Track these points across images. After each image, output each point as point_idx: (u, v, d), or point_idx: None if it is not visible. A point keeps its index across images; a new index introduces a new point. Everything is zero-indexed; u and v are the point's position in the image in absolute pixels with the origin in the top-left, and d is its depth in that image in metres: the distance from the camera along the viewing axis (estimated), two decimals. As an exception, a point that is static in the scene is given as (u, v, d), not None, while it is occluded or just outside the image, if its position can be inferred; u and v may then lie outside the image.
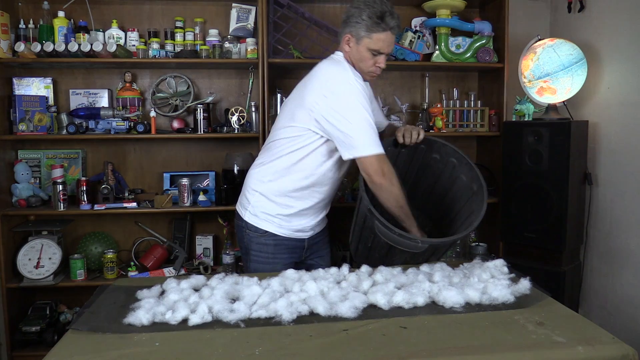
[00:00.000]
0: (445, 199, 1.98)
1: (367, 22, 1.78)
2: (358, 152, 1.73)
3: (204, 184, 2.81)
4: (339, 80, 1.76)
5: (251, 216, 1.91)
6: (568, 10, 2.76)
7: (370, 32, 1.79)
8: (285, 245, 1.92)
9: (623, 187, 2.41)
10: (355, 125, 1.72)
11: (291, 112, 1.85)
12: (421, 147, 1.93)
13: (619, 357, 1.17)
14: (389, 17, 1.78)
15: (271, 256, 1.90)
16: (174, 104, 2.80)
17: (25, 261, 2.52)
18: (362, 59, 1.83)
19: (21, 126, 2.52)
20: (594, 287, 2.61)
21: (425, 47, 2.79)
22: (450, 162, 1.91)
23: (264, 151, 1.96)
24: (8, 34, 2.51)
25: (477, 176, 1.83)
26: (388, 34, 1.80)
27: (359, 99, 1.73)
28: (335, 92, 1.74)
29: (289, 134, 1.84)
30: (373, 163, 1.72)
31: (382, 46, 1.81)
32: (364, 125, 1.72)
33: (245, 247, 1.95)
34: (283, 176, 1.87)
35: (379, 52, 1.82)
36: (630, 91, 2.37)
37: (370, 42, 1.80)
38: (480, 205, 1.76)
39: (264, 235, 1.90)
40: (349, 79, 1.76)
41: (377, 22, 1.77)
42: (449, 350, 1.17)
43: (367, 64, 1.84)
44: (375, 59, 1.84)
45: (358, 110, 1.72)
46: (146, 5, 2.81)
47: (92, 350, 1.18)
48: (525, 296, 1.48)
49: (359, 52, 1.83)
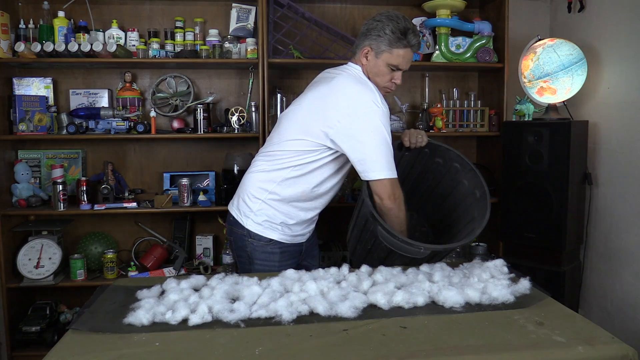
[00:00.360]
0: (445, 202, 1.98)
1: (389, 37, 1.76)
2: (374, 175, 1.73)
3: (204, 184, 2.81)
4: (366, 102, 1.72)
5: (254, 224, 1.86)
6: (568, 10, 2.76)
7: (392, 47, 1.78)
8: (290, 251, 1.91)
9: (623, 187, 2.41)
10: (374, 148, 1.72)
11: (306, 124, 1.79)
12: (425, 150, 1.93)
13: (619, 357, 1.17)
14: (411, 35, 1.78)
15: (277, 264, 1.86)
16: (174, 104, 2.80)
17: (25, 261, 2.52)
18: (380, 73, 1.82)
19: (21, 126, 2.52)
20: (594, 287, 2.61)
21: (425, 47, 2.79)
22: (453, 167, 1.91)
23: (267, 158, 1.89)
24: (8, 34, 2.51)
25: (481, 183, 1.82)
26: (408, 51, 1.80)
27: (382, 121, 1.72)
28: (360, 114, 1.71)
29: (300, 147, 1.80)
30: (387, 186, 1.72)
31: (401, 62, 1.81)
32: (382, 148, 1.72)
33: (247, 255, 1.89)
34: (289, 186, 1.84)
35: (397, 68, 1.82)
36: (630, 91, 2.37)
37: (391, 57, 1.79)
38: (483, 213, 1.75)
39: (270, 243, 1.86)
40: (375, 101, 1.73)
41: (399, 37, 1.76)
42: (449, 350, 1.17)
43: (384, 78, 1.83)
44: (393, 74, 1.83)
45: (379, 133, 1.71)
46: (146, 5, 2.81)
47: (92, 350, 1.18)
48: (525, 296, 1.48)
49: (377, 66, 1.81)
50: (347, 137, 1.73)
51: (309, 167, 1.81)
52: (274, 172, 1.85)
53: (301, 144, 1.79)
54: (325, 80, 1.86)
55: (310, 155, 1.80)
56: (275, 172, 1.84)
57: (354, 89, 1.77)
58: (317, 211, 1.95)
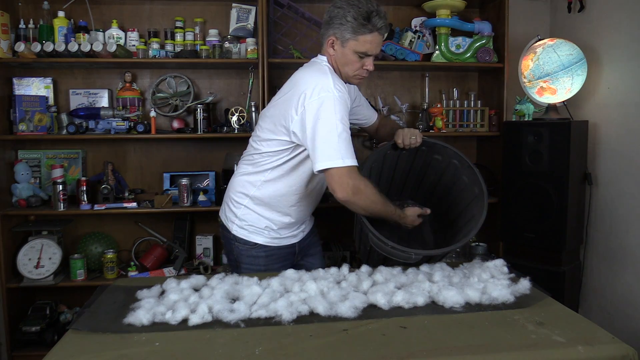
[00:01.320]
0: (448, 197, 1.97)
1: (352, 24, 1.65)
2: (320, 165, 1.60)
3: (204, 184, 2.81)
4: (316, 87, 1.62)
5: (239, 229, 1.83)
6: (568, 10, 2.76)
7: (356, 34, 1.66)
8: (277, 255, 1.86)
9: (623, 187, 2.41)
10: (322, 136, 1.60)
11: (273, 123, 1.74)
12: (422, 148, 1.93)
13: (619, 357, 1.17)
14: (375, 17, 1.65)
15: (263, 268, 1.82)
16: (174, 104, 2.80)
17: (25, 261, 2.52)
18: (348, 62, 1.71)
19: (21, 126, 2.52)
20: (594, 287, 2.61)
21: (425, 47, 2.79)
22: (452, 164, 1.90)
23: (246, 161, 1.85)
24: (8, 34, 2.51)
25: (479, 180, 1.82)
26: (375, 35, 1.68)
27: (333, 107, 1.60)
28: (310, 101, 1.61)
29: (272, 147, 1.74)
30: (335, 176, 1.60)
31: (370, 48, 1.69)
32: (330, 136, 1.59)
33: (235, 259, 1.87)
34: (269, 189, 1.79)
35: (366, 55, 1.70)
36: (630, 91, 2.37)
37: (357, 44, 1.67)
38: (480, 212, 1.75)
39: (255, 247, 1.83)
40: (326, 85, 1.63)
41: (363, 23, 1.64)
42: (449, 350, 1.17)
43: (354, 67, 1.72)
44: (363, 61, 1.72)
45: (327, 119, 1.59)
46: (146, 5, 2.81)
47: (92, 350, 1.18)
48: (525, 296, 1.48)
49: (344, 55, 1.71)
50: (300, 127, 1.64)
51: (285, 167, 1.75)
52: (253, 175, 1.80)
53: (272, 144, 1.74)
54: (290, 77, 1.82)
55: (284, 155, 1.74)
56: (254, 175, 1.80)
57: (307, 77, 1.70)
58: (303, 211, 1.87)
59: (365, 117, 2.07)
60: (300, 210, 1.86)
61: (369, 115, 2.08)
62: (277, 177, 1.77)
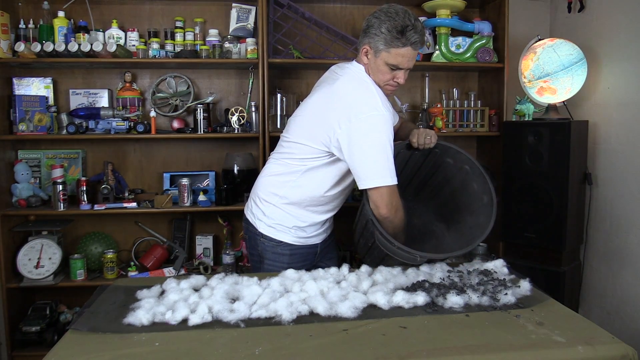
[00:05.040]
0: (454, 200, 1.96)
1: (385, 36, 1.67)
2: (370, 183, 1.66)
3: (204, 184, 2.81)
4: (365, 107, 1.67)
5: (267, 227, 1.87)
6: (568, 11, 2.76)
7: (389, 47, 1.68)
8: (300, 253, 1.90)
9: (623, 187, 2.41)
10: (371, 155, 1.66)
11: (310, 129, 1.77)
12: (435, 150, 1.92)
13: (619, 357, 1.17)
14: (410, 32, 1.66)
15: (286, 265, 1.84)
16: (174, 104, 2.80)
17: (25, 261, 2.52)
18: (380, 72, 1.74)
19: (21, 126, 2.52)
20: (594, 287, 2.61)
21: (425, 47, 2.79)
22: (463, 169, 1.90)
23: (277, 161, 1.88)
24: (8, 34, 2.51)
25: (489, 189, 1.80)
26: (408, 50, 1.69)
27: (381, 127, 1.65)
28: (359, 119, 1.65)
29: (307, 152, 1.77)
30: (383, 195, 1.65)
31: (402, 62, 1.71)
32: (379, 156, 1.65)
33: (259, 254, 1.91)
34: (299, 190, 1.82)
35: (398, 68, 1.72)
36: (630, 91, 2.37)
37: (389, 56, 1.70)
38: (487, 221, 1.74)
39: (280, 245, 1.86)
40: (376, 105, 1.67)
41: (396, 36, 1.66)
42: (449, 350, 1.17)
43: (385, 78, 1.75)
44: (394, 73, 1.74)
45: (377, 139, 1.65)
46: (146, 5, 2.81)
47: (92, 350, 1.18)
48: (525, 296, 1.48)
49: (376, 65, 1.73)
50: (346, 143, 1.67)
51: (317, 171, 1.79)
52: (283, 176, 1.84)
53: (307, 149, 1.77)
54: (328, 82, 1.83)
55: (317, 160, 1.77)
56: (285, 175, 1.83)
57: (354, 92, 1.72)
58: (330, 213, 1.93)
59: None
60: (328, 209, 1.90)
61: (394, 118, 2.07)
62: (309, 179, 1.81)
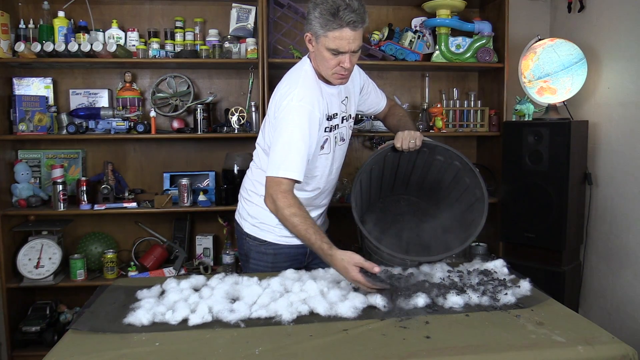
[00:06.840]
0: (449, 197, 1.97)
1: (319, 20, 1.57)
2: (267, 171, 1.65)
3: (204, 184, 2.81)
4: (287, 96, 1.66)
5: (251, 227, 1.88)
6: (568, 10, 2.76)
7: (326, 30, 1.57)
8: (286, 253, 1.87)
9: (623, 187, 2.41)
10: (279, 144, 1.64)
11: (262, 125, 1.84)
12: (423, 150, 1.92)
13: (619, 357, 1.17)
14: (344, 11, 1.54)
15: (270, 265, 1.85)
16: (174, 104, 2.80)
17: (25, 261, 2.52)
18: (324, 59, 1.63)
19: (21, 126, 2.52)
20: (594, 287, 2.61)
21: (425, 47, 2.79)
22: (454, 165, 1.90)
23: (254, 161, 1.91)
24: (8, 34, 2.51)
25: (480, 184, 1.81)
26: (346, 31, 1.56)
27: (297, 118, 1.63)
28: (279, 108, 1.67)
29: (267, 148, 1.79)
30: (268, 184, 1.63)
31: (341, 44, 1.58)
32: (285, 146, 1.63)
33: (244, 253, 1.93)
34: None
35: (339, 52, 1.60)
36: (630, 91, 2.37)
37: (327, 40, 1.58)
38: (479, 217, 1.74)
39: (264, 244, 1.86)
40: (298, 97, 1.65)
41: (329, 19, 1.55)
42: (449, 350, 1.17)
43: (329, 64, 1.63)
44: (338, 58, 1.61)
45: (289, 130, 1.63)
46: (146, 5, 2.81)
47: (92, 350, 1.18)
48: (525, 296, 1.48)
49: (319, 52, 1.63)
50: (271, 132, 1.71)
51: None
52: (259, 177, 1.83)
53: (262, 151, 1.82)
54: None
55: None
56: (260, 176, 1.82)
57: (283, 83, 1.74)
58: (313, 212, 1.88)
59: (373, 104, 2.05)
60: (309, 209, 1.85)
61: (377, 102, 2.04)
62: None
